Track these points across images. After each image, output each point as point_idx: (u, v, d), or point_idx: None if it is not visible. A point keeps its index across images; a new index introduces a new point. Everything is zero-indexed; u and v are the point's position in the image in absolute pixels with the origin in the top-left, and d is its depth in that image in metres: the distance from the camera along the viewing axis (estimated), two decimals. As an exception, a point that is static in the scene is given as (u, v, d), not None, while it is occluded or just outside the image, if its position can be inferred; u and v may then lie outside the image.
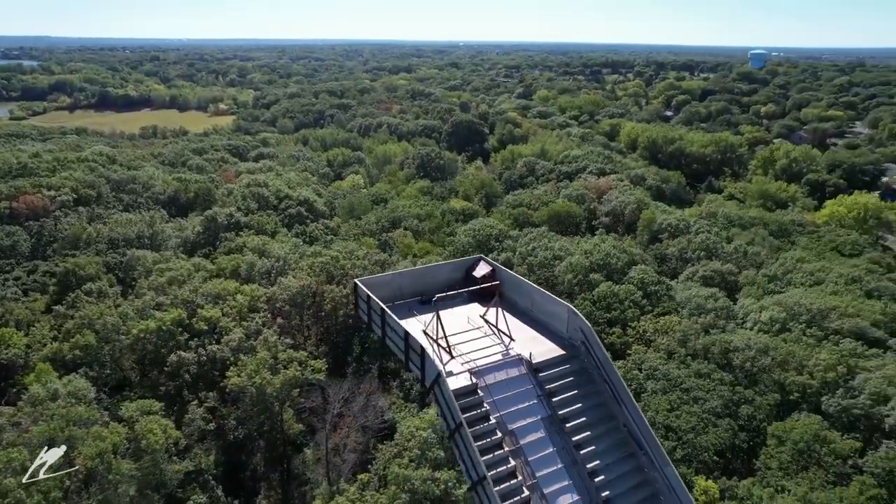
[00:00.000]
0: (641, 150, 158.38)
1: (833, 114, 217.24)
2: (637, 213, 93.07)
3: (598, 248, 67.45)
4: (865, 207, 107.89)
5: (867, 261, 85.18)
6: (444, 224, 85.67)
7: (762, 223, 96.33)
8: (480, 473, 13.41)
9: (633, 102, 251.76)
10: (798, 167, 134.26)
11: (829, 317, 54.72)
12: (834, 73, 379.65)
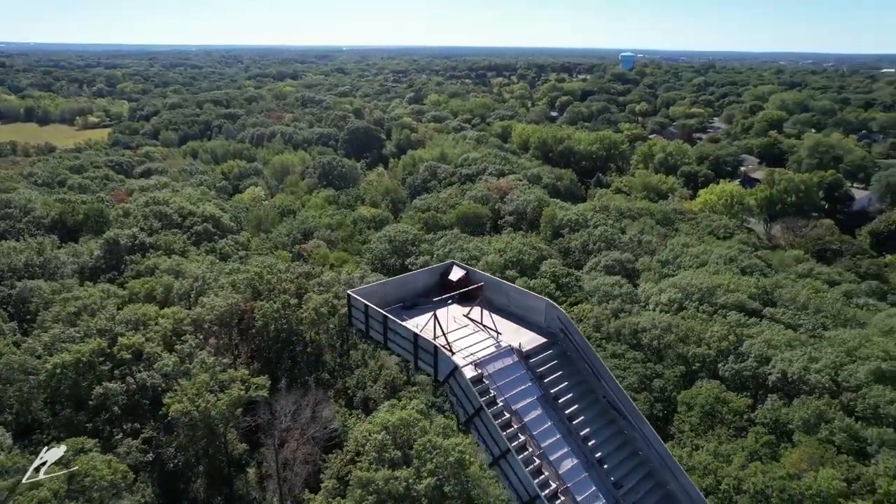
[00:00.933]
0: (533, 149, 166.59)
1: (696, 111, 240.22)
2: (538, 211, 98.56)
3: (510, 245, 71.19)
4: (731, 195, 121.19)
5: (738, 242, 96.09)
6: (357, 232, 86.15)
7: (649, 213, 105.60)
8: (503, 447, 15.23)
9: (520, 104, 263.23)
10: (673, 160, 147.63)
11: (715, 294, 61.73)
12: (692, 73, 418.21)
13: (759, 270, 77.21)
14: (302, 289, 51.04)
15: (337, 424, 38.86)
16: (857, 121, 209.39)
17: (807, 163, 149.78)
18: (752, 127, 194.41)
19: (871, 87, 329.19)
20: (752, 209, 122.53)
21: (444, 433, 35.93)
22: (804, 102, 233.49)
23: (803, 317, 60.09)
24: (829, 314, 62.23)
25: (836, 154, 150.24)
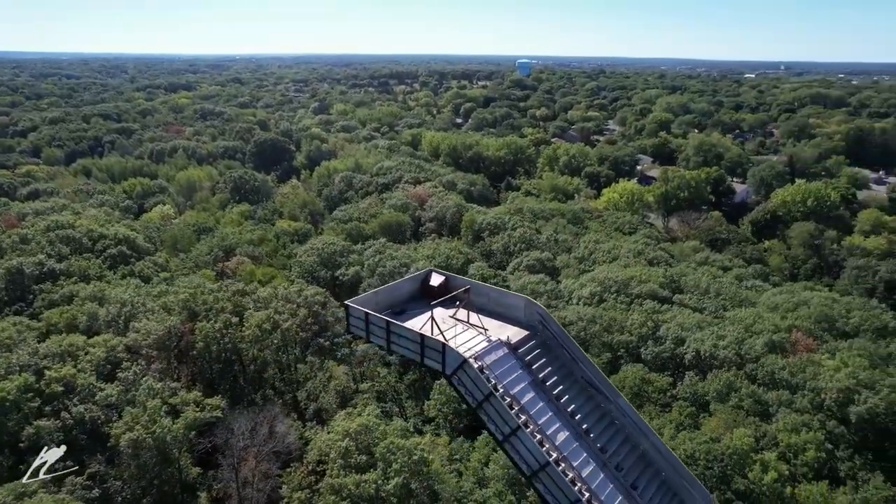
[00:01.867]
0: (444, 156, 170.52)
1: (592, 115, 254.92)
2: (458, 216, 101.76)
3: (438, 251, 73.42)
4: (631, 192, 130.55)
5: (643, 236, 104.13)
6: (281, 246, 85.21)
7: (560, 213, 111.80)
8: (513, 426, 17.16)
9: (426, 112, 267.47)
10: (577, 162, 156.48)
11: (630, 285, 67.11)
12: (585, 79, 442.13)
13: (664, 261, 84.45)
14: (239, 307, 50.50)
15: (293, 438, 39.12)
16: (731, 121, 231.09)
17: (694, 160, 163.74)
18: (644, 129, 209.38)
19: (738, 91, 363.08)
20: (651, 205, 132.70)
21: (402, 435, 37.39)
22: (686, 105, 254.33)
23: (706, 301, 66.72)
24: (727, 297, 69.43)
25: (718, 152, 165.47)
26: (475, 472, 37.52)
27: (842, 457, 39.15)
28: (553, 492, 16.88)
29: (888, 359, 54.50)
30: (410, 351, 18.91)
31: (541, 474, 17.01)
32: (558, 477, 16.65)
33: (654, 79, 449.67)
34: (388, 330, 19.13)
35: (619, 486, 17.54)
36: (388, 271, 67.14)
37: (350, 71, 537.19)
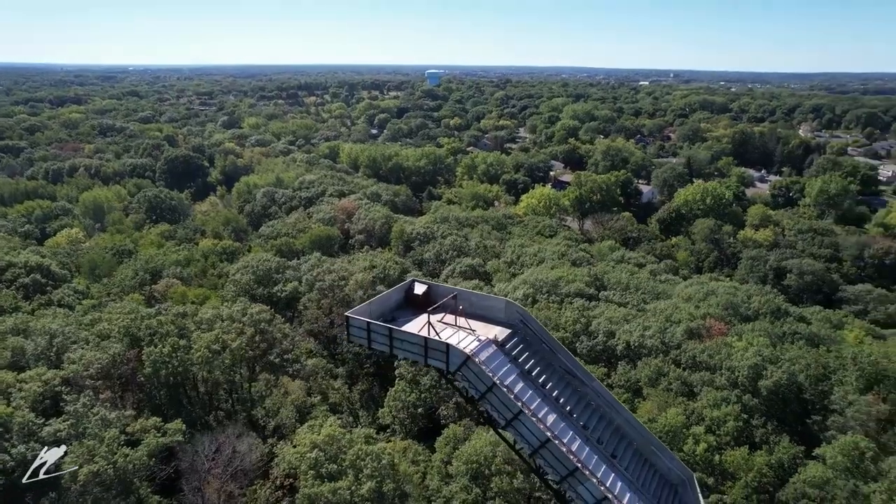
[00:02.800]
0: (364, 168, 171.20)
1: (504, 123, 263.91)
2: (387, 227, 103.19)
3: (374, 262, 74.63)
4: (548, 197, 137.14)
5: (563, 238, 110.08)
6: (210, 266, 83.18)
7: (484, 220, 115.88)
8: (515, 410, 19.23)
9: (340, 123, 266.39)
10: (494, 170, 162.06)
11: (558, 285, 71.34)
12: (493, 88, 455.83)
13: (586, 262, 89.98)
14: (184, 329, 49.60)
15: (255, 456, 39.20)
16: (633, 127, 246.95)
17: (602, 165, 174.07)
18: (553, 136, 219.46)
19: (636, 98, 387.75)
20: (567, 209, 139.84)
21: (366, 441, 38.64)
22: (591, 112, 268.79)
23: (628, 296, 72.13)
24: (646, 291, 75.32)
25: (624, 156, 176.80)
26: (439, 470, 39.34)
27: (756, 424, 44.36)
28: (553, 464, 19.22)
29: (784, 337, 61.68)
30: (413, 353, 20.57)
31: (542, 450, 19.29)
32: (557, 451, 18.99)
33: (559, 87, 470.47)
34: (391, 336, 20.71)
35: (602, 456, 20.10)
36: (328, 285, 67.68)
37: (257, 83, 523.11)
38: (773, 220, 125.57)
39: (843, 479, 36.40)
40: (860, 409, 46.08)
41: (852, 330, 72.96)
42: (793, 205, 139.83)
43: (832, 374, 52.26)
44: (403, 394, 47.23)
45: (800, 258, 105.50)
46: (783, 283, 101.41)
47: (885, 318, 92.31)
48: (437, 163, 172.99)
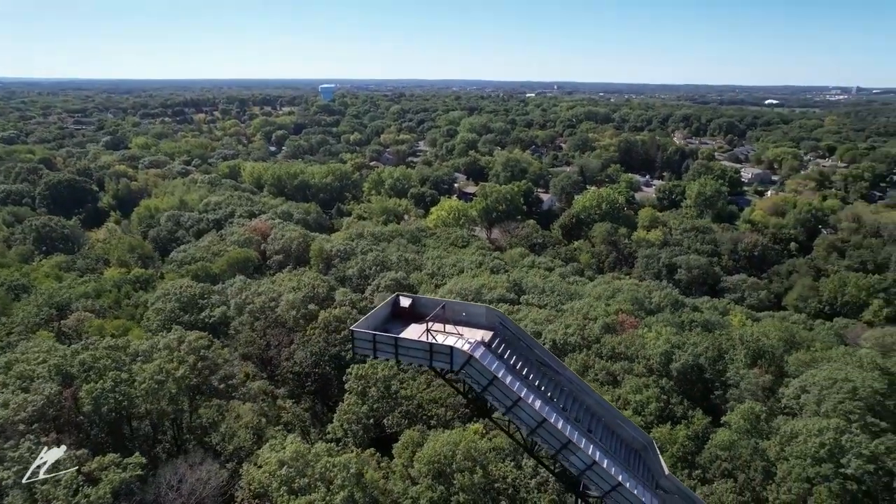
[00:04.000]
0: (269, 186, 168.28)
1: (403, 137, 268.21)
2: (304, 246, 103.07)
3: (301, 282, 75.13)
4: (457, 209, 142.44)
5: (477, 248, 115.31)
6: (124, 296, 79.62)
7: (399, 234, 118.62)
8: (514, 398, 22.15)
9: (236, 141, 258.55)
10: (402, 185, 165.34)
11: (482, 292, 75.58)
12: (388, 102, 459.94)
13: (502, 269, 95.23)
14: (120, 362, 48.19)
15: (215, 483, 39.24)
16: (527, 138, 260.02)
17: (503, 175, 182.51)
18: (454, 149, 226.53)
19: (526, 110, 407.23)
20: (475, 219, 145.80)
21: (329, 454, 40.16)
22: (487, 125, 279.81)
23: (545, 298, 77.76)
24: (560, 292, 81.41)
25: (522, 167, 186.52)
26: (401, 473, 41.46)
27: (674, 403, 50.44)
28: (548, 440, 22.38)
29: (684, 325, 69.59)
30: (419, 358, 22.95)
31: (538, 430, 22.39)
32: (552, 427, 22.15)
33: (452, 100, 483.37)
34: (397, 345, 22.99)
35: (581, 432, 23.49)
36: (259, 307, 67.55)
37: (136, 99, 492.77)
38: (661, 221, 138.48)
39: (745, 439, 42.79)
40: (750, 381, 53.70)
41: (736, 315, 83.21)
42: (676, 206, 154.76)
43: (725, 353, 59.99)
44: (356, 406, 48.88)
45: (687, 254, 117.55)
46: (675, 277, 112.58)
47: (757, 302, 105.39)
48: (343, 179, 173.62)
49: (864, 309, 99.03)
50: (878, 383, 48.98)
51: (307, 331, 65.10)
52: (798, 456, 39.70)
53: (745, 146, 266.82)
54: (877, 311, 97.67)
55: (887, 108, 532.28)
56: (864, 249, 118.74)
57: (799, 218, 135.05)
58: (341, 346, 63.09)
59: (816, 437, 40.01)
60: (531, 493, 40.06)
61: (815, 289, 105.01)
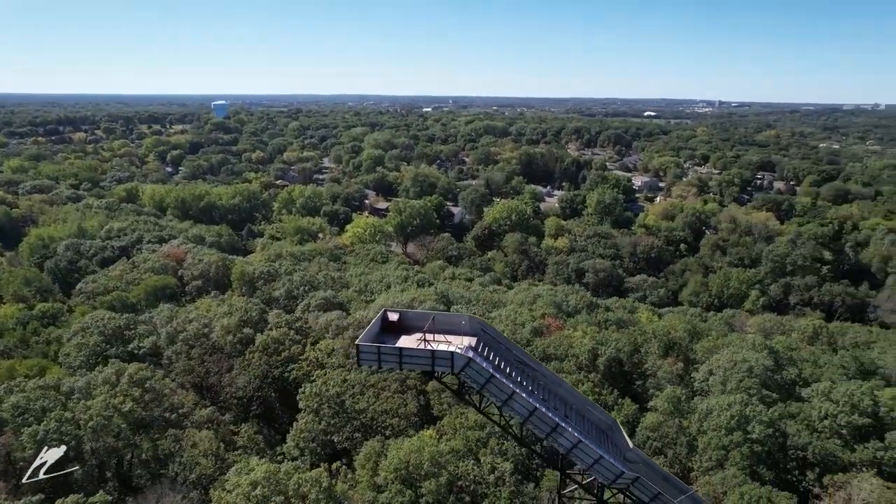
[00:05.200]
0: (173, 210, 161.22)
1: (308, 154, 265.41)
2: (223, 269, 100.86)
3: (232, 307, 74.32)
4: (373, 226, 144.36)
5: (397, 263, 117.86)
6: (31, 334, 74.64)
7: (319, 253, 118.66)
8: (509, 392, 25.09)
9: (129, 163, 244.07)
10: (313, 203, 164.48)
11: (413, 306, 78.25)
12: (286, 118, 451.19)
13: (426, 282, 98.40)
14: (55, 402, 46.29)
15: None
16: (432, 153, 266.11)
17: (413, 191, 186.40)
18: (361, 165, 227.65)
19: (426, 125, 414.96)
20: (391, 234, 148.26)
21: (297, 472, 41.31)
22: (391, 141, 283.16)
23: (473, 307, 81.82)
24: (485, 301, 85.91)
25: (431, 181, 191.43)
26: (368, 483, 43.13)
27: (605, 393, 55.77)
28: (540, 425, 25.56)
29: (601, 324, 76.23)
30: (422, 364, 25.35)
31: (531, 418, 25.53)
32: (542, 414, 25.36)
33: (351, 116, 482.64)
34: (401, 355, 25.29)
35: (560, 417, 26.96)
36: (193, 335, 66.32)
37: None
38: (566, 229, 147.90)
39: (670, 419, 48.68)
40: (665, 369, 60.43)
41: (643, 312, 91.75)
42: (578, 214, 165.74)
43: (640, 347, 66.76)
44: (313, 423, 49.90)
45: (592, 259, 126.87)
46: (583, 281, 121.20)
47: (658, 300, 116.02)
48: (251, 199, 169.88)
49: (745, 299, 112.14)
50: (768, 361, 57.19)
51: (246, 355, 64.88)
52: (714, 428, 45.93)
53: (632, 156, 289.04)
54: (755, 300, 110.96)
55: (744, 120, 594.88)
56: (741, 247, 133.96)
57: (686, 221, 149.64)
58: (283, 368, 63.58)
59: (727, 410, 46.50)
60: (490, 487, 43.30)
61: (705, 284, 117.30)
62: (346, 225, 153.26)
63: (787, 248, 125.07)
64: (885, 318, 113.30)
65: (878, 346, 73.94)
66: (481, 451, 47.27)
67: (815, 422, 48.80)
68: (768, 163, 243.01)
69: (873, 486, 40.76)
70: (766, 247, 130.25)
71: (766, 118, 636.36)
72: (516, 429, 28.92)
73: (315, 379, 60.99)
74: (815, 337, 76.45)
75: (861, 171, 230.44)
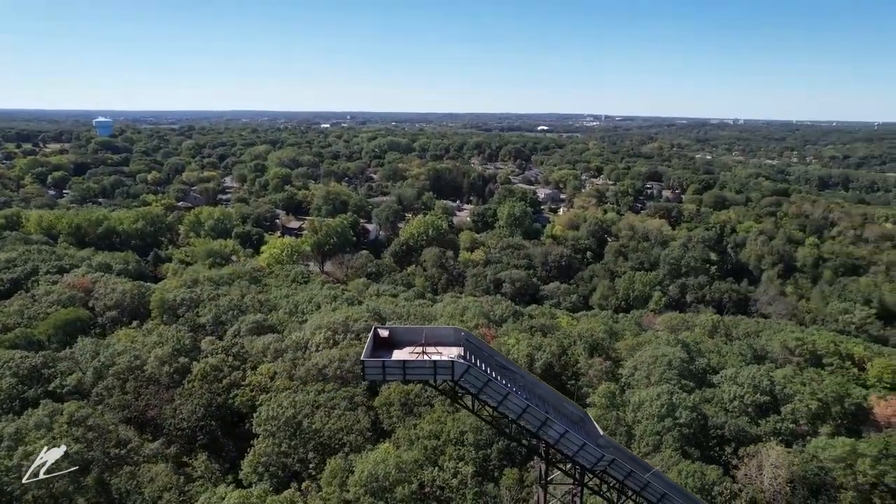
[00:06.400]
0: (66, 236, 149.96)
1: (209, 174, 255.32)
2: (139, 298, 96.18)
3: (162, 336, 71.88)
4: (290, 246, 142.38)
5: (321, 283, 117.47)
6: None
7: (238, 276, 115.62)
8: (504, 393, 27.65)
9: (1, 185, 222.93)
10: (223, 225, 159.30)
11: (348, 324, 79.30)
12: (178, 136, 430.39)
13: (355, 300, 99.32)
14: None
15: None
16: (339, 170, 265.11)
17: (325, 209, 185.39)
18: (268, 184, 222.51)
19: (328, 142, 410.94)
20: (309, 254, 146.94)
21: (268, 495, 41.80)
22: (296, 158, 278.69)
23: (407, 322, 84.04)
24: (417, 315, 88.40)
25: (343, 199, 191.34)
26: (337, 499, 44.04)
27: (544, 395, 60.12)
28: (532, 420, 28.36)
29: (530, 330, 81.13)
30: (425, 375, 27.37)
31: (524, 414, 28.31)
32: (534, 411, 28.23)
33: (249, 133, 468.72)
34: (404, 367, 27.19)
35: (549, 412, 30.07)
36: (126, 367, 63.67)
37: None
38: (480, 242, 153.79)
39: (608, 413, 53.63)
40: (596, 368, 65.91)
41: (563, 317, 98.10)
42: (490, 227, 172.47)
43: (567, 349, 72.09)
44: (272, 447, 49.94)
45: (508, 270, 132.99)
46: (501, 291, 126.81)
47: (571, 305, 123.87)
48: (155, 223, 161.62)
49: (649, 300, 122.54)
50: (683, 354, 64.16)
51: (185, 385, 63.23)
52: (647, 417, 51.32)
53: (533, 169, 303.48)
54: (658, 301, 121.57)
55: (629, 133, 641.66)
56: (640, 252, 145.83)
57: (590, 230, 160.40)
58: (226, 395, 62.58)
59: (656, 400, 52.11)
60: (454, 491, 45.83)
61: (613, 288, 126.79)
62: (260, 246, 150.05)
63: (681, 252, 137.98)
64: (762, 309, 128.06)
65: (764, 335, 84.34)
66: (440, 458, 49.76)
67: (726, 403, 55.71)
68: (655, 173, 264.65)
69: (778, 452, 47.54)
70: (663, 251, 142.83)
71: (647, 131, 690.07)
72: (503, 425, 31.76)
73: (261, 403, 60.93)
74: (714, 330, 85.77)
75: (732, 178, 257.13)
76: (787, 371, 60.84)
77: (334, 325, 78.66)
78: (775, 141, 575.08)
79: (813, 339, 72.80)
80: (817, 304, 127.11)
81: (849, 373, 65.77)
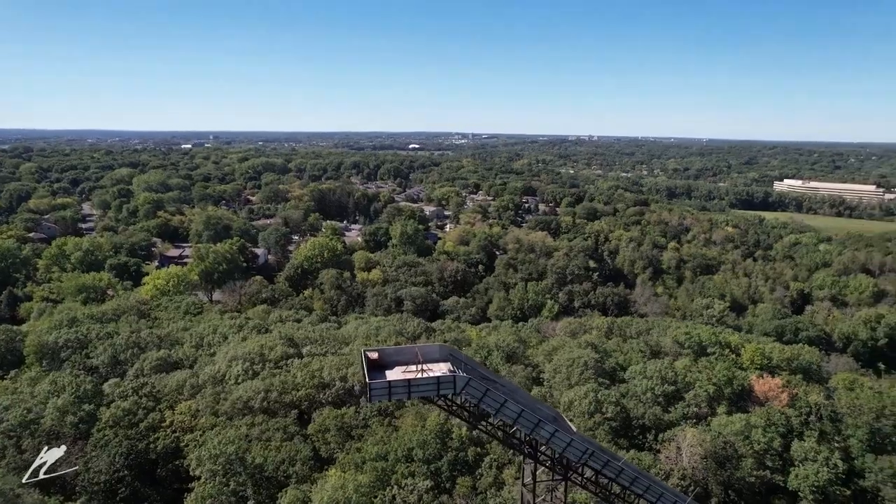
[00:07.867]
0: None
1: (63, 201, 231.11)
2: (6, 343, 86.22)
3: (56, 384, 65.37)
4: (176, 276, 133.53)
5: (218, 312, 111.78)
6: None
7: (123, 311, 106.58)
8: (502, 401, 29.39)
9: None
10: (94, 256, 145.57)
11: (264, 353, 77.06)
12: (14, 160, 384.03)
13: (261, 327, 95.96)
14: None
15: None
16: (215, 193, 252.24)
17: (206, 235, 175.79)
18: (138, 210, 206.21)
19: (195, 163, 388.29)
20: (197, 283, 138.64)
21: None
22: (165, 182, 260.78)
23: (321, 346, 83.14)
24: (328, 338, 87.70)
25: (225, 224, 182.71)
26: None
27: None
28: (525, 423, 30.44)
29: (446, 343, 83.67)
30: (428, 391, 28.40)
31: (519, 419, 30.29)
32: (528, 414, 30.34)
33: (102, 155, 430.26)
34: (409, 386, 28.07)
35: (541, 416, 32.39)
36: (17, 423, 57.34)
37: None
38: (375, 261, 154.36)
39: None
40: (519, 374, 69.87)
41: (471, 330, 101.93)
42: (383, 246, 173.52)
43: (486, 359, 75.66)
44: (219, 486, 47.57)
45: (407, 287, 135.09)
46: (402, 309, 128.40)
47: (471, 318, 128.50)
48: (6, 258, 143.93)
49: (543, 308, 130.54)
50: (594, 354, 70.15)
51: (95, 434, 58.12)
52: (579, 415, 55.77)
53: (414, 187, 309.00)
54: (551, 308, 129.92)
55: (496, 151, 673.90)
56: (528, 263, 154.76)
57: (479, 244, 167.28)
58: (146, 440, 58.38)
59: (584, 398, 56.84)
60: (419, 502, 46.91)
61: (508, 299, 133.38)
62: (139, 278, 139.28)
63: (565, 261, 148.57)
64: (640, 310, 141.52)
65: (654, 332, 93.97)
66: (393, 476, 50.53)
67: (640, 395, 61.98)
68: (530, 188, 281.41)
69: (693, 434, 54.04)
70: (548, 261, 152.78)
71: (513, 148, 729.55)
72: (500, 433, 33.83)
73: (186, 445, 57.88)
74: (610, 331, 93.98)
75: (597, 191, 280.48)
76: (685, 362, 68.93)
77: (250, 356, 76.13)
78: (626, 155, 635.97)
79: (698, 333, 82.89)
80: (683, 301, 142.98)
81: (729, 359, 75.67)
